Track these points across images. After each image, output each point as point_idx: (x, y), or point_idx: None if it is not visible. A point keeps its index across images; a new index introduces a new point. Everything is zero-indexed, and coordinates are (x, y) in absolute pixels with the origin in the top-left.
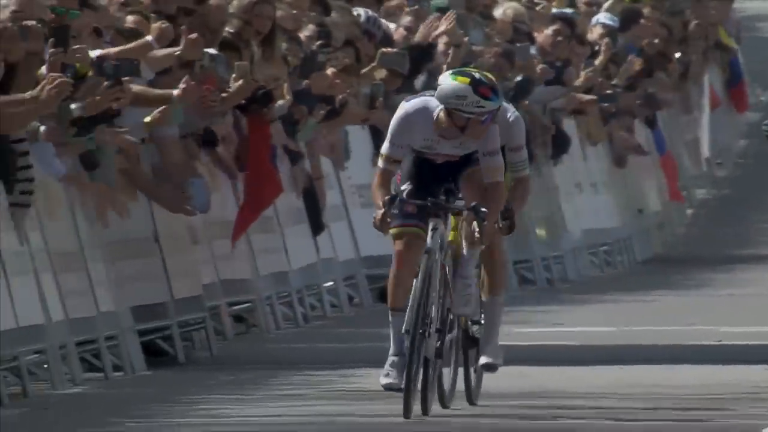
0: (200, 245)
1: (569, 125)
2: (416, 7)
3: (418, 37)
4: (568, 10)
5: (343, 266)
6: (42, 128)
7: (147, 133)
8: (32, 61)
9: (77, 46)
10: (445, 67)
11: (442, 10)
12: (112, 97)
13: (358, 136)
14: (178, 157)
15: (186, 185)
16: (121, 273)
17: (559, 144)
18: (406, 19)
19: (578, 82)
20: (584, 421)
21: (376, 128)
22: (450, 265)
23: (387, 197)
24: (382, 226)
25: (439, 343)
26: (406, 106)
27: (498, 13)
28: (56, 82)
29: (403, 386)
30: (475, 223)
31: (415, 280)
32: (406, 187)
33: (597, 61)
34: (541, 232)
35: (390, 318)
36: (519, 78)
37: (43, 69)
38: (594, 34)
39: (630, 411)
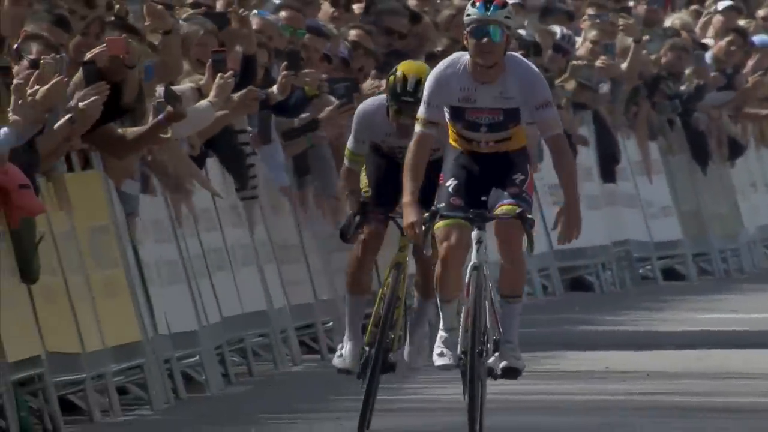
0: None
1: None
2: (598, 20)
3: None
4: (742, 22)
5: (537, 258)
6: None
7: None
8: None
9: (307, 70)
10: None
11: None
12: (345, 115)
13: None
14: None
15: None
16: (338, 264)
17: (734, 149)
18: (592, 33)
19: (747, 86)
20: (765, 399)
21: (565, 132)
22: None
23: (427, 213)
24: (417, 235)
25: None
26: (437, 66)
27: (667, 23)
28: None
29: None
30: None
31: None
32: (450, 182)
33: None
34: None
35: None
36: (695, 84)
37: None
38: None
39: None
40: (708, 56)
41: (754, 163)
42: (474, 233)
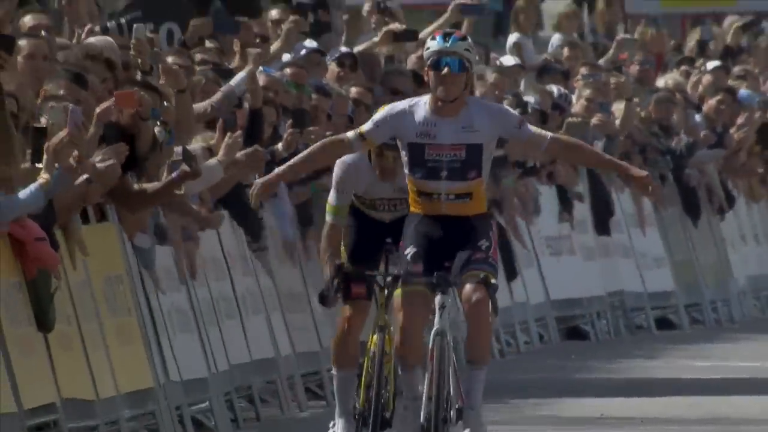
0: None
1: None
2: (591, 80)
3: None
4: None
5: (534, 308)
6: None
7: None
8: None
9: (312, 128)
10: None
11: None
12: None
13: (546, 193)
14: None
15: None
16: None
17: (726, 201)
18: (586, 92)
19: (734, 143)
20: None
21: (562, 187)
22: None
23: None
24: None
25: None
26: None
27: (660, 83)
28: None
29: None
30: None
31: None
32: (410, 250)
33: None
34: None
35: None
36: (685, 141)
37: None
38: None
39: None
40: (698, 115)
41: (743, 216)
42: (437, 298)
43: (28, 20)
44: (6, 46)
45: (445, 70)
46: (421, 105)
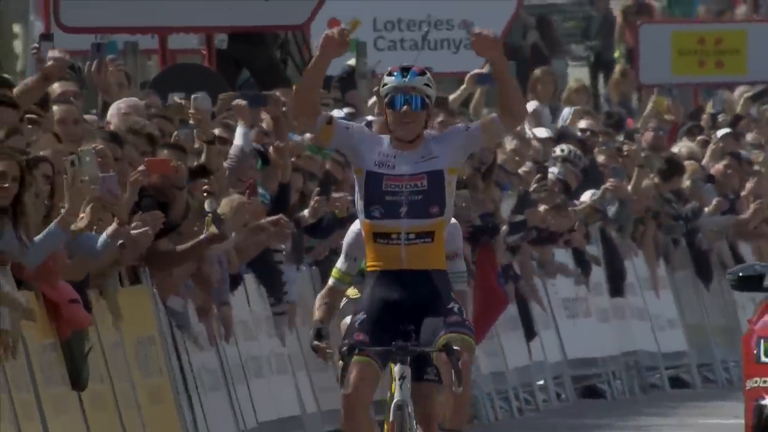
0: None
1: (745, 249)
2: (605, 147)
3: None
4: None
5: (552, 367)
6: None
7: None
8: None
9: (336, 194)
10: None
11: None
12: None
13: (562, 256)
14: None
15: None
16: None
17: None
18: (600, 158)
19: (747, 214)
20: None
21: (578, 250)
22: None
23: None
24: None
25: None
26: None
27: (675, 150)
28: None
29: None
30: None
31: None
32: (359, 317)
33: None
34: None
35: None
36: (691, 206)
37: None
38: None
39: None
40: (708, 184)
41: None
42: (397, 368)
43: (56, 87)
44: (41, 101)
45: (405, 108)
46: (385, 140)
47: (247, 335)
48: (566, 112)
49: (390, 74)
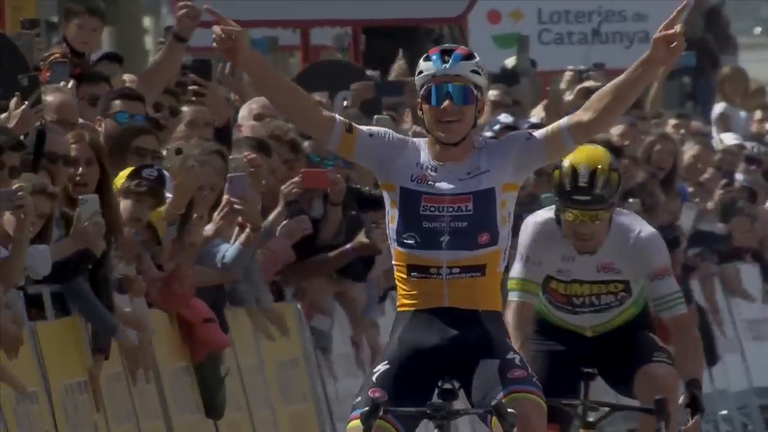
0: None
1: None
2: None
3: None
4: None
5: (736, 396)
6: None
7: None
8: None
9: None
10: None
11: None
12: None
13: (750, 274)
14: None
15: None
16: None
17: None
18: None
19: None
20: None
21: (765, 264)
22: None
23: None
24: None
25: None
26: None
27: None
28: None
29: None
30: None
31: None
32: (380, 367)
33: None
34: None
35: None
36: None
37: None
38: None
39: None
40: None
41: None
42: None
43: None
44: (203, 71)
45: (446, 102)
46: (422, 145)
47: None
48: (742, 115)
49: (427, 59)
